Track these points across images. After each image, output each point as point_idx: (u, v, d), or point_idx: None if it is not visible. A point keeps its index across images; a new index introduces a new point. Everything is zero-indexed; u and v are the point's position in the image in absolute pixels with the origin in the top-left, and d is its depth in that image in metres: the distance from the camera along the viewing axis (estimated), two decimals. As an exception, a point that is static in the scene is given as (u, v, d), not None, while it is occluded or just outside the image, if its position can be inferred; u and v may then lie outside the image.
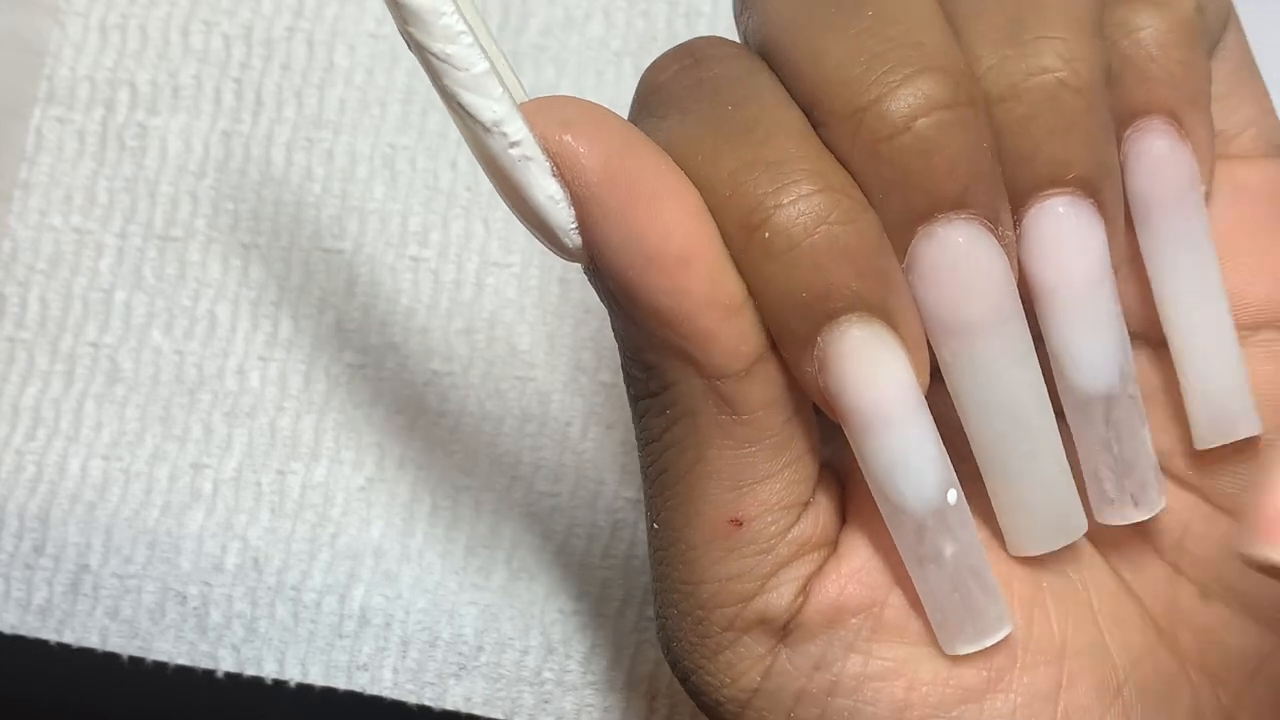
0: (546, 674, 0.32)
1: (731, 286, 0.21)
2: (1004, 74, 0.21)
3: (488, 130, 0.21)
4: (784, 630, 0.23)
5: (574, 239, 0.22)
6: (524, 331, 0.34)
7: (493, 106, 0.21)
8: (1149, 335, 0.24)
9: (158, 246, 0.35)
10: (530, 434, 0.33)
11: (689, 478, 0.22)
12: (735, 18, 0.24)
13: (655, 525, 0.23)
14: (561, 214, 0.21)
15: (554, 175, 0.21)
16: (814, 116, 0.21)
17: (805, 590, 0.23)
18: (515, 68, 0.35)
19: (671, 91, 0.22)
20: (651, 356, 0.22)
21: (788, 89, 0.22)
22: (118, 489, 0.34)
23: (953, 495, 0.22)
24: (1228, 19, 0.24)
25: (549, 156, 0.21)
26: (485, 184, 0.35)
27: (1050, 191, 0.22)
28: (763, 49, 0.22)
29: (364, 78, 0.36)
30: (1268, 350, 0.24)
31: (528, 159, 0.21)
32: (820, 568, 0.23)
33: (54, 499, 0.34)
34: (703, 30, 0.36)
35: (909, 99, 0.21)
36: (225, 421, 0.34)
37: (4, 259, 0.35)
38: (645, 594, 0.32)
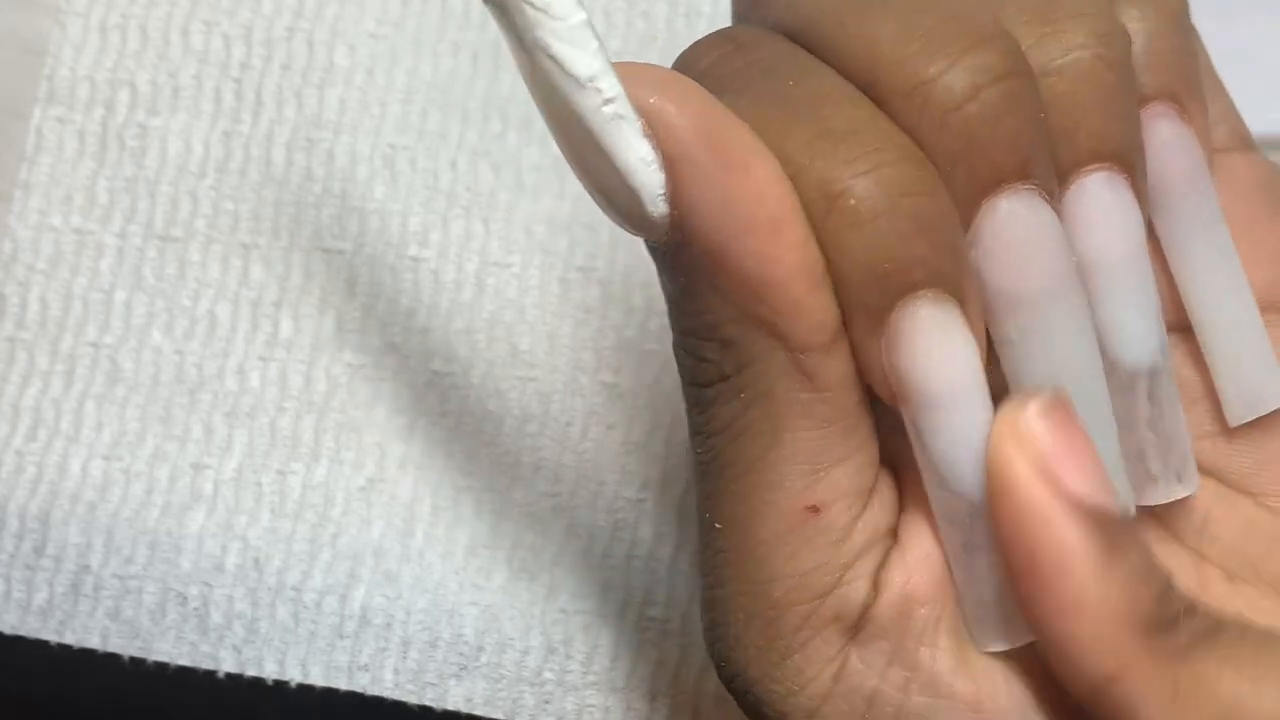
0: (547, 674, 0.32)
1: (818, 255, 0.21)
2: (1043, 51, 0.22)
3: (582, 85, 0.20)
4: (856, 627, 0.22)
5: (660, 206, 0.21)
6: (524, 332, 0.34)
7: (589, 60, 0.20)
8: (1171, 318, 0.24)
9: (158, 247, 0.35)
10: (531, 434, 0.33)
11: (761, 464, 0.22)
12: (742, 16, 0.24)
13: (717, 525, 0.23)
14: (653, 177, 0.21)
15: (646, 136, 0.20)
16: (872, 95, 0.21)
17: (876, 583, 0.22)
18: (516, 68, 0.35)
19: (719, 75, 0.22)
20: (732, 330, 0.21)
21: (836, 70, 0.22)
22: (118, 489, 0.34)
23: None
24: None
25: (641, 116, 0.20)
26: (485, 184, 0.35)
27: (1092, 166, 0.22)
28: (797, 37, 0.22)
29: (364, 78, 0.36)
30: (1272, 332, 0.24)
31: (620, 117, 0.20)
32: (886, 559, 0.22)
33: (54, 499, 0.34)
34: (703, 30, 0.36)
35: (971, 70, 0.21)
36: (225, 422, 0.34)
37: (4, 259, 0.35)
38: (646, 594, 0.32)
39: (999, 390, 0.22)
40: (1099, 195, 0.22)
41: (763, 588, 0.22)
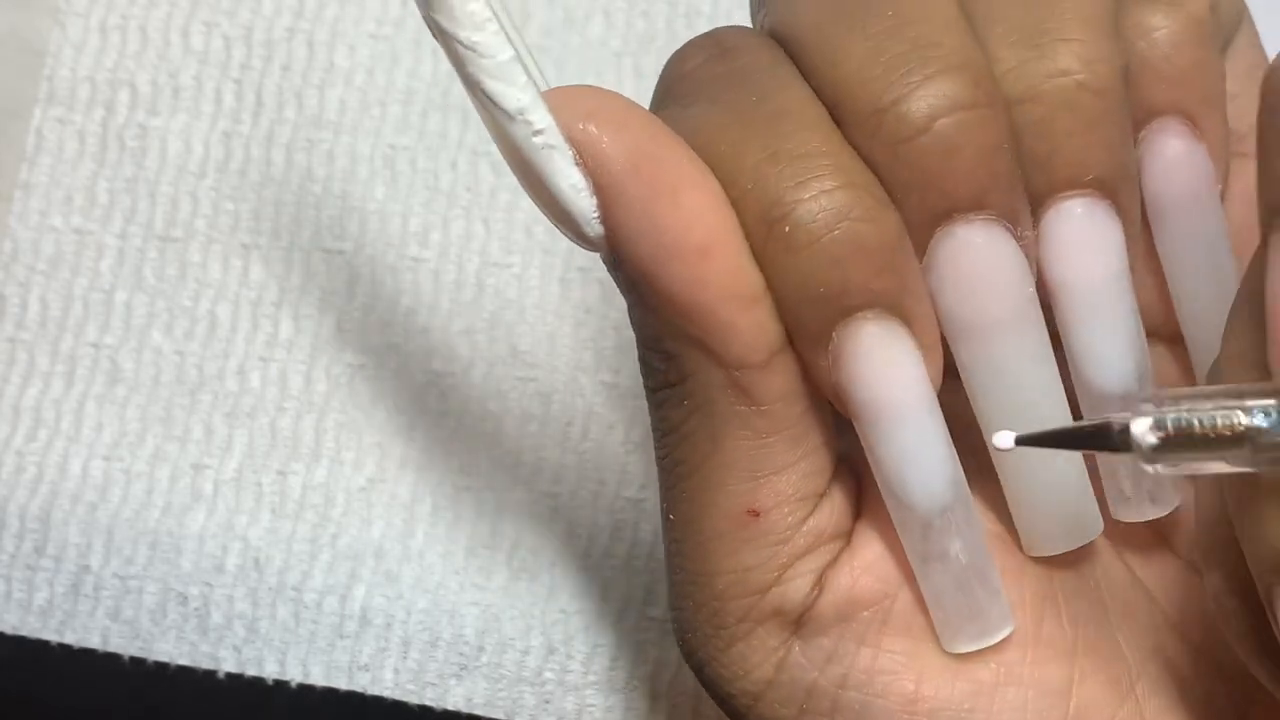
0: (548, 674, 0.32)
1: (751, 278, 0.21)
2: (1023, 76, 0.21)
3: (511, 118, 0.21)
4: (798, 622, 0.23)
5: (595, 228, 0.21)
6: (524, 332, 0.34)
7: (517, 95, 0.21)
8: (1167, 331, 0.24)
9: (158, 247, 0.35)
10: (531, 434, 0.33)
11: (705, 468, 0.22)
12: (751, 13, 0.24)
13: (671, 517, 0.23)
14: (584, 203, 0.21)
15: (577, 164, 0.21)
16: (836, 115, 0.22)
17: (820, 583, 0.23)
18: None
19: (698, 80, 0.22)
20: (671, 345, 0.22)
21: (810, 85, 0.22)
22: (118, 490, 0.34)
23: (952, 497, 0.22)
24: (1240, 18, 0.24)
25: (572, 145, 0.21)
26: (485, 184, 0.35)
27: (1068, 193, 0.22)
28: (784, 45, 0.22)
29: (364, 78, 0.36)
30: None
31: (551, 147, 0.21)
32: (834, 560, 0.23)
33: (55, 500, 0.34)
34: (702, 30, 0.35)
35: (929, 100, 0.21)
36: (226, 422, 0.34)
37: (4, 260, 0.35)
38: (646, 594, 0.32)
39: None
40: (1072, 221, 0.22)
41: (707, 580, 0.23)
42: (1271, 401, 0.18)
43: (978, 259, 0.21)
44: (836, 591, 0.23)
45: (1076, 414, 0.23)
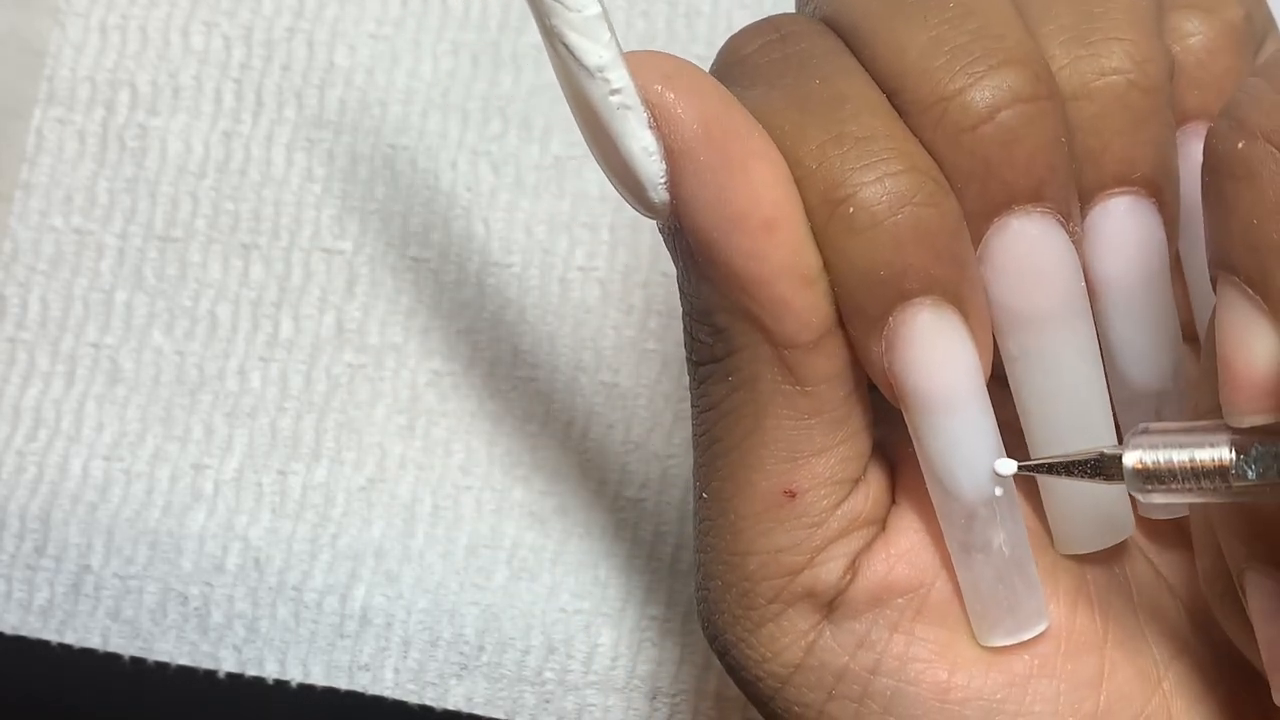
0: (548, 674, 0.32)
1: (810, 258, 0.21)
2: (1076, 73, 0.22)
3: (591, 75, 0.21)
4: (830, 606, 0.23)
5: (661, 194, 0.22)
6: (525, 332, 0.34)
7: (599, 51, 0.21)
8: (1189, 332, 0.24)
9: (158, 247, 0.35)
10: (531, 434, 0.33)
11: (744, 446, 0.22)
12: (801, 3, 0.24)
13: (704, 495, 0.23)
14: (653, 167, 0.21)
15: (650, 127, 0.21)
16: (896, 103, 0.22)
17: (853, 567, 0.23)
18: (515, 68, 0.35)
19: (756, 64, 0.23)
20: (723, 318, 0.22)
21: (869, 72, 0.22)
22: (119, 490, 0.34)
23: (999, 489, 0.22)
24: (1269, 25, 0.24)
25: (647, 107, 0.21)
26: (486, 184, 0.35)
27: (1116, 190, 0.22)
28: (841, 32, 0.23)
29: (364, 78, 0.36)
30: None
31: (626, 108, 0.21)
32: (868, 546, 0.23)
33: (55, 500, 0.34)
34: (703, 30, 0.36)
35: (993, 90, 0.21)
36: (226, 422, 0.34)
37: (4, 260, 0.35)
38: (646, 593, 0.32)
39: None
40: (1119, 218, 0.22)
41: (739, 559, 0.23)
42: (1241, 439, 0.20)
43: (1032, 250, 0.22)
44: (871, 577, 0.23)
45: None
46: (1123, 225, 0.22)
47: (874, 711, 0.23)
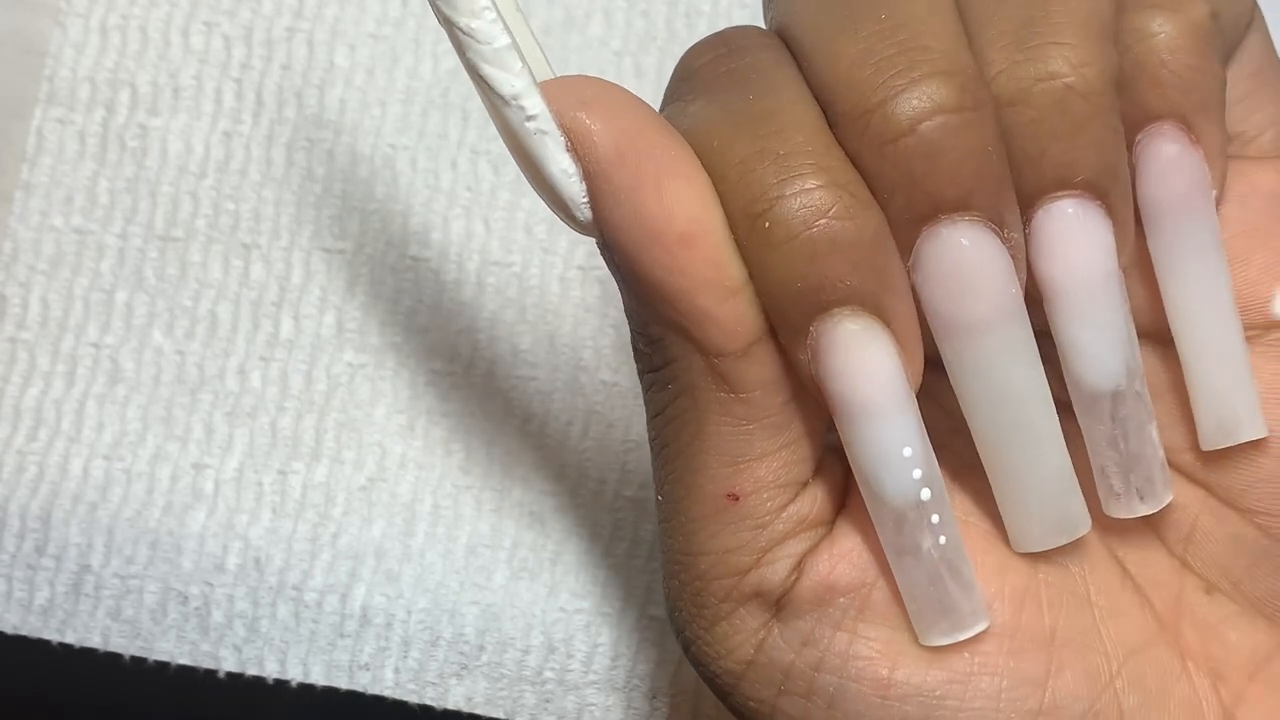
0: (548, 673, 0.32)
1: (732, 270, 0.22)
2: (1013, 79, 0.22)
3: (506, 103, 0.22)
4: (778, 605, 0.23)
5: (585, 213, 0.22)
6: (525, 331, 0.34)
7: (512, 81, 0.22)
8: (1160, 334, 0.24)
9: (158, 247, 0.35)
10: (531, 434, 0.34)
11: (688, 451, 0.23)
12: (764, 12, 0.24)
13: (659, 497, 0.24)
14: (574, 188, 0.22)
15: (568, 150, 0.22)
16: (829, 114, 0.22)
17: (800, 567, 0.23)
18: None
19: (702, 78, 0.23)
20: (656, 330, 0.23)
21: (809, 84, 0.22)
22: (119, 489, 0.34)
23: (926, 493, 0.22)
24: (1250, 21, 0.24)
25: (564, 132, 0.22)
26: (486, 184, 0.35)
27: (1058, 193, 0.22)
28: (788, 44, 0.23)
29: (364, 78, 0.36)
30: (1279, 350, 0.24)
31: (543, 133, 0.22)
32: (815, 547, 0.23)
33: (56, 499, 0.34)
34: (703, 30, 0.36)
35: (914, 102, 0.21)
36: (226, 421, 0.34)
37: (5, 260, 0.35)
38: (646, 593, 0.32)
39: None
40: (1061, 220, 0.22)
41: (692, 559, 0.24)
42: None
43: (961, 258, 0.22)
44: (814, 577, 0.23)
45: (1064, 411, 0.23)
46: (1063, 227, 0.22)
47: (820, 707, 0.23)
